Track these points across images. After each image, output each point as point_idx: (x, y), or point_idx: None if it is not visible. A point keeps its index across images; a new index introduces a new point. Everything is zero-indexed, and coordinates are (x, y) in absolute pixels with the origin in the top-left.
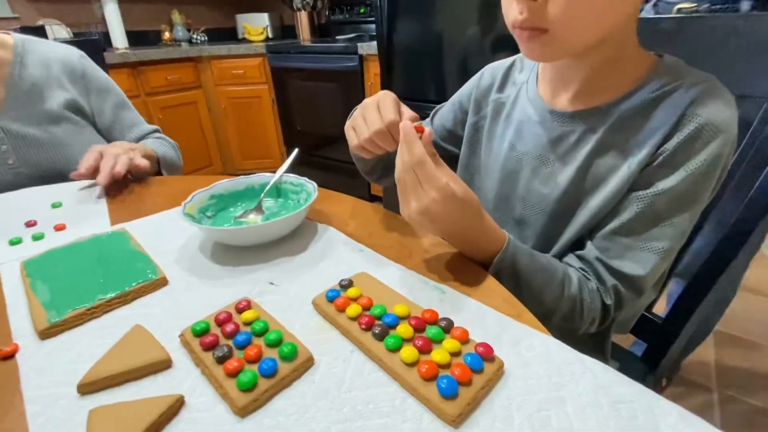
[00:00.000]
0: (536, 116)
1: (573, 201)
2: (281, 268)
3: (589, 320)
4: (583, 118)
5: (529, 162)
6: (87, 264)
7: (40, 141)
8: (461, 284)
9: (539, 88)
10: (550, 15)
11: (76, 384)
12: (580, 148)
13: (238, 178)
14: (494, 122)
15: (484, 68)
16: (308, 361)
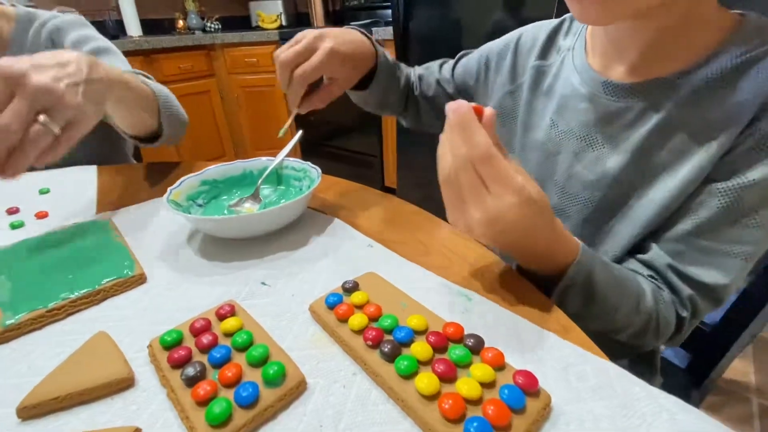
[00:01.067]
0: (584, 89)
1: (626, 192)
2: (276, 265)
3: (661, 337)
4: (644, 92)
5: (571, 143)
6: (58, 257)
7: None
8: (490, 289)
9: (588, 57)
10: None
11: (15, 407)
12: (638, 127)
13: (234, 163)
14: (533, 94)
15: (524, 27)
16: (299, 385)
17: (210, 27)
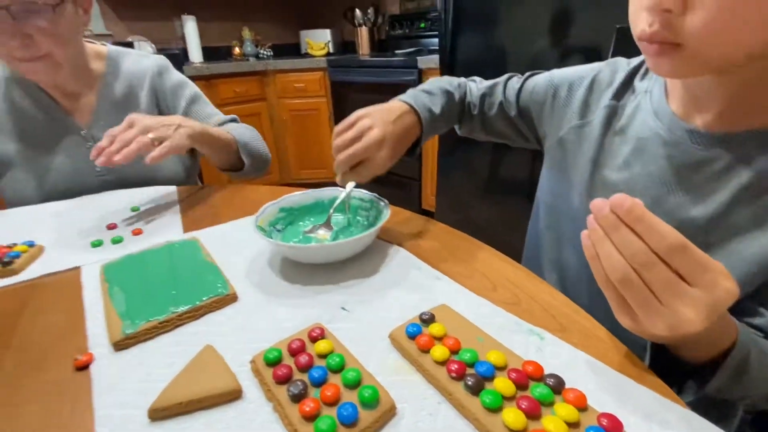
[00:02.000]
0: (666, 134)
1: (710, 242)
2: (352, 291)
3: None
4: (735, 144)
5: (649, 187)
6: (160, 273)
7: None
8: (561, 329)
9: (669, 101)
10: (688, 28)
11: (147, 408)
12: (729, 179)
13: (307, 192)
14: (605, 132)
15: (602, 63)
16: (391, 410)
17: (263, 54)
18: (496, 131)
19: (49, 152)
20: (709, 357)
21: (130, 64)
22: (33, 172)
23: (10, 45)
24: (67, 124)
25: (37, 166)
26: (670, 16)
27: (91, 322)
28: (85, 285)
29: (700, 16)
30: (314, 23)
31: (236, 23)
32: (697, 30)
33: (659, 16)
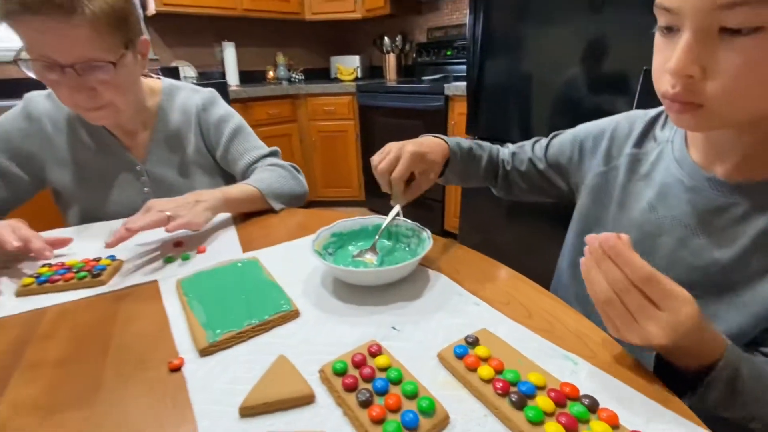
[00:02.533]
0: (688, 180)
1: (735, 281)
2: (400, 312)
3: None
4: (752, 192)
5: (674, 229)
6: (230, 289)
7: (177, 185)
8: (592, 355)
9: (689, 149)
10: (708, 91)
11: (238, 406)
12: (748, 224)
13: (355, 219)
14: (630, 177)
15: (620, 116)
16: (445, 419)
17: (294, 77)
18: (530, 184)
19: (107, 185)
20: (697, 365)
21: (181, 100)
22: (92, 204)
23: (76, 97)
24: (124, 159)
25: (96, 198)
26: (692, 81)
27: (176, 330)
28: (165, 297)
29: (719, 82)
30: (344, 49)
31: (271, 49)
32: (716, 94)
33: (682, 80)
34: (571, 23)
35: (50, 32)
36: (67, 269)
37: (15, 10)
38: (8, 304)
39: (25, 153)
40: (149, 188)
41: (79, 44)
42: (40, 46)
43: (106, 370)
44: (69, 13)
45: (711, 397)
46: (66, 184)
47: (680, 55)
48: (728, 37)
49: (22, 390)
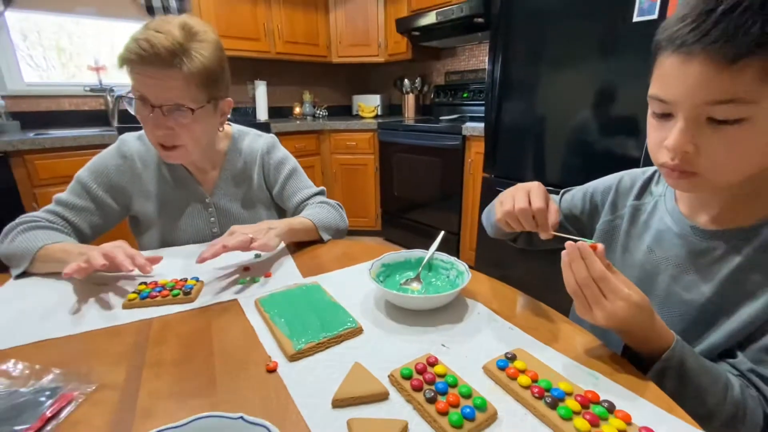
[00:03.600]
0: (676, 228)
1: (717, 310)
2: (447, 333)
3: (752, 428)
4: (726, 237)
5: (668, 268)
6: (302, 308)
7: (239, 216)
8: (609, 372)
9: (678, 202)
10: (702, 164)
11: (331, 399)
12: (725, 263)
13: (401, 252)
14: (632, 225)
15: (623, 173)
16: (494, 415)
17: (319, 114)
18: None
19: (181, 214)
20: (649, 353)
21: (247, 143)
22: (167, 230)
23: (157, 133)
24: (196, 192)
25: (170, 225)
26: (688, 155)
27: (263, 339)
28: (247, 312)
29: (710, 159)
30: (366, 88)
31: (298, 87)
32: (708, 167)
33: (680, 155)
34: (583, 69)
35: (152, 78)
36: (162, 287)
37: (131, 59)
38: (120, 315)
39: (118, 186)
40: (215, 218)
41: (171, 91)
42: (142, 88)
43: (215, 369)
44: (170, 67)
45: (668, 385)
46: (147, 213)
47: (677, 135)
48: (715, 124)
49: (154, 383)
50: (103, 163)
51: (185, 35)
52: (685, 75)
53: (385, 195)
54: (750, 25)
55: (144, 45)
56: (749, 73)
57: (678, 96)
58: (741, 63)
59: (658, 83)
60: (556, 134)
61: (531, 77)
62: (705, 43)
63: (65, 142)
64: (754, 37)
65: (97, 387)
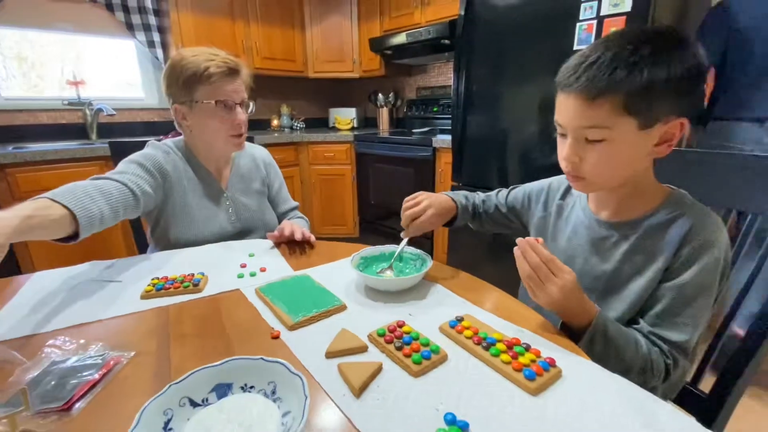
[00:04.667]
0: (586, 222)
1: (617, 283)
2: (413, 306)
3: (657, 375)
4: (619, 228)
5: (582, 252)
6: (296, 292)
7: (250, 207)
8: (532, 329)
9: (589, 203)
10: (586, 171)
11: (324, 352)
12: (619, 247)
13: (376, 247)
14: (558, 219)
15: (553, 179)
16: (445, 356)
17: (296, 126)
18: (496, 222)
19: (202, 206)
20: (579, 325)
21: (249, 149)
22: (196, 219)
23: (240, 128)
24: (216, 187)
25: (199, 215)
26: (576, 164)
27: (266, 317)
28: (249, 298)
29: (589, 167)
30: (342, 102)
31: (277, 101)
32: (588, 172)
33: (570, 164)
34: (536, 88)
35: (236, 84)
36: (173, 281)
37: (221, 74)
38: (140, 304)
39: (164, 171)
40: (233, 209)
41: (243, 92)
42: (229, 93)
43: (230, 338)
44: (239, 74)
45: (596, 349)
46: (179, 203)
47: (568, 150)
48: (590, 143)
49: (181, 350)
50: (150, 154)
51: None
52: (567, 107)
53: (362, 203)
54: (602, 75)
55: (226, 62)
56: (605, 108)
57: (565, 120)
58: (599, 100)
59: (557, 112)
60: (515, 145)
61: (491, 94)
62: (576, 86)
63: (47, 156)
64: (604, 83)
65: (135, 353)
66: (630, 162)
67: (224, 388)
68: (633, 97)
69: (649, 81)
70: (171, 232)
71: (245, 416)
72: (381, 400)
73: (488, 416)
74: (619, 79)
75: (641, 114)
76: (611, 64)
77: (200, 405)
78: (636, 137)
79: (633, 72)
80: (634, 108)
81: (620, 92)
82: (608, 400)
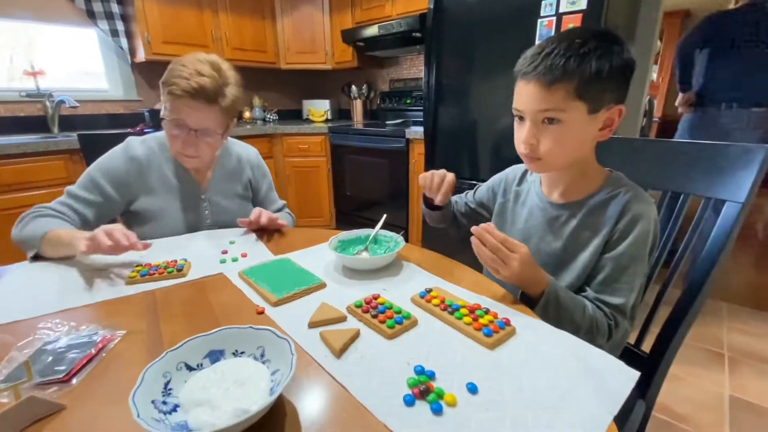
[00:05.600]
0: (540, 204)
1: (568, 257)
2: (387, 282)
3: (603, 335)
4: (568, 207)
5: (537, 233)
6: (278, 274)
7: (229, 210)
8: (494, 298)
9: (542, 187)
10: (542, 152)
11: (307, 323)
12: (568, 225)
13: (352, 231)
14: (515, 204)
15: (509, 169)
16: (415, 321)
17: (269, 118)
18: (467, 218)
19: (179, 208)
20: (535, 294)
21: (237, 149)
22: (164, 222)
23: (186, 148)
24: (194, 190)
25: (169, 218)
26: (533, 145)
27: (250, 296)
28: (233, 281)
29: (545, 148)
30: (315, 94)
31: (248, 92)
32: (545, 153)
33: (528, 146)
34: (502, 80)
35: (196, 110)
36: (156, 267)
37: (182, 95)
38: (126, 289)
39: (125, 184)
40: (209, 211)
41: (208, 120)
42: (183, 115)
43: (217, 316)
44: (212, 102)
45: (551, 314)
46: (150, 208)
47: (526, 133)
48: (547, 124)
49: (172, 327)
50: (113, 164)
51: (220, 77)
52: (527, 92)
53: (338, 195)
54: (558, 64)
55: (195, 86)
56: (560, 93)
57: (524, 105)
58: (555, 86)
59: (515, 98)
60: (485, 136)
61: (461, 87)
62: (534, 73)
63: (8, 150)
64: (559, 71)
65: (127, 332)
66: (580, 144)
67: (217, 354)
68: (584, 83)
69: (597, 70)
70: (142, 233)
71: (238, 375)
72: (359, 359)
73: (452, 366)
74: (572, 67)
75: (590, 99)
76: (565, 54)
77: (195, 369)
78: (585, 121)
79: (583, 62)
80: (585, 94)
81: (573, 80)
82: (554, 351)
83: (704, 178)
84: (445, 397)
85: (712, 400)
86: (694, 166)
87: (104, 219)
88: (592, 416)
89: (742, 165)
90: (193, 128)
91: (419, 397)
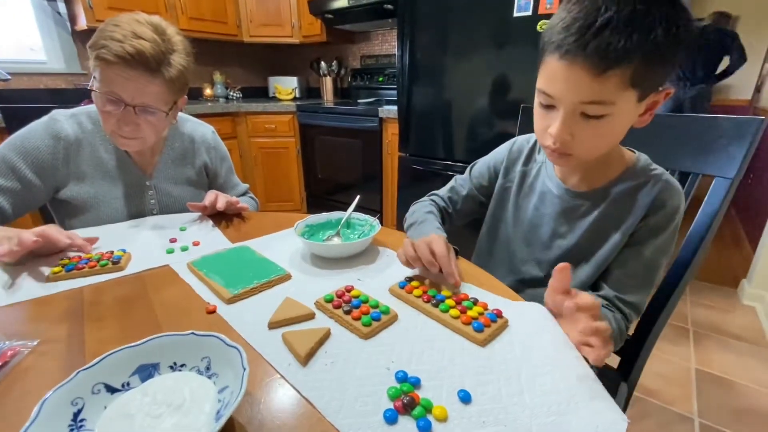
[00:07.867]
0: (555, 190)
1: (584, 250)
2: (362, 271)
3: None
4: (589, 196)
5: (550, 221)
6: (235, 264)
7: (180, 198)
8: (477, 284)
9: (555, 171)
10: (576, 148)
11: (267, 323)
12: (588, 215)
13: (322, 214)
14: (520, 187)
15: (514, 140)
16: (395, 316)
17: (232, 96)
18: (468, 213)
19: (118, 197)
20: None
21: (189, 129)
22: (101, 212)
23: (123, 128)
24: (137, 176)
25: (106, 207)
26: (566, 141)
27: (200, 291)
28: (181, 274)
29: (582, 144)
30: (282, 70)
31: (208, 67)
32: (580, 150)
33: (560, 140)
34: (478, 57)
35: (133, 81)
36: (87, 260)
37: (115, 61)
38: (45, 288)
39: (49, 167)
40: (155, 200)
41: (149, 95)
42: (116, 87)
43: (159, 319)
44: (154, 72)
45: None
46: (82, 195)
47: (559, 125)
48: (586, 118)
49: (98, 333)
50: (33, 143)
51: (164, 43)
52: (567, 78)
53: (308, 177)
54: (616, 43)
55: (131, 51)
56: (613, 81)
57: (560, 93)
58: (608, 73)
59: (544, 80)
60: (460, 116)
61: (436, 64)
62: (584, 55)
63: None
64: (618, 53)
65: (40, 342)
66: (620, 135)
67: (149, 369)
68: (644, 66)
69: (660, 47)
70: (75, 224)
71: (175, 396)
72: (329, 365)
73: (438, 369)
74: (633, 46)
75: (644, 85)
76: (627, 28)
77: (120, 390)
78: (633, 111)
79: (648, 37)
80: (641, 79)
81: (632, 62)
82: (550, 340)
83: (692, 153)
84: (434, 411)
85: (679, 374)
86: (682, 141)
87: (25, 209)
88: (606, 423)
89: (733, 139)
90: (130, 104)
91: (403, 411)
